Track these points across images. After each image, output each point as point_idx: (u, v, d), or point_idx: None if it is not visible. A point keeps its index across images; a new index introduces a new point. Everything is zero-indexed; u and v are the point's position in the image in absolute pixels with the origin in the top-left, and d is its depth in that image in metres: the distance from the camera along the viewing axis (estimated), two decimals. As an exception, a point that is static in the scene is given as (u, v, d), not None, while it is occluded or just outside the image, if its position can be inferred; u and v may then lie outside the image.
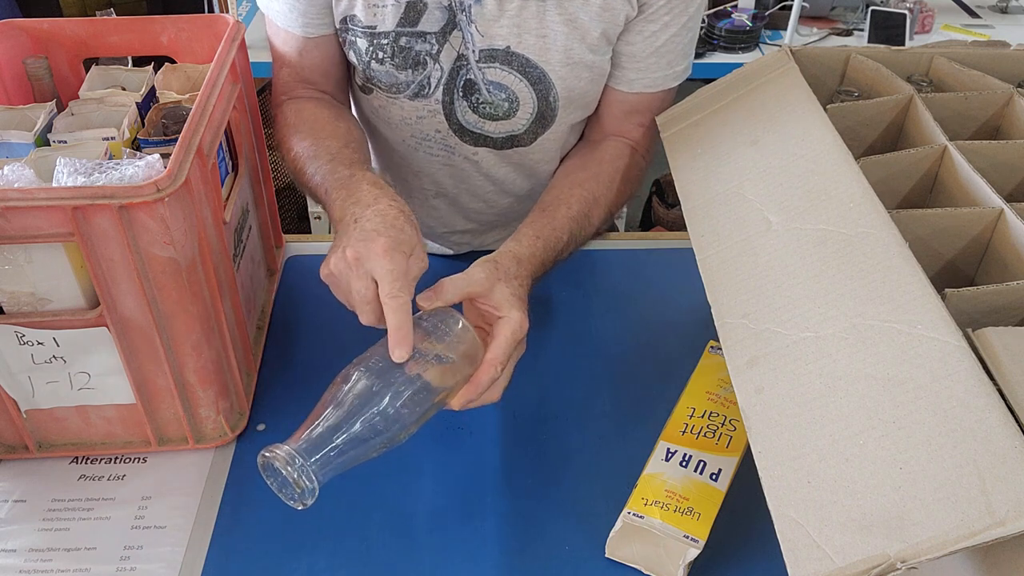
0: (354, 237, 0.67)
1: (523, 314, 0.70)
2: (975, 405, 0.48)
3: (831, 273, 0.60)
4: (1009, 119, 0.77)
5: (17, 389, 0.71)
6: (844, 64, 0.85)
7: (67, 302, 0.67)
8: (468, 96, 0.88)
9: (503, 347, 0.68)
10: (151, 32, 0.85)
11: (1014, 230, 0.62)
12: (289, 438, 0.60)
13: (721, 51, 2.22)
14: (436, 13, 0.82)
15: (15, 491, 0.74)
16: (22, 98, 0.83)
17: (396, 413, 0.62)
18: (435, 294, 0.69)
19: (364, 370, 0.63)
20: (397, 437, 0.63)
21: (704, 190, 0.75)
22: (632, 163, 0.92)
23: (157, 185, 0.61)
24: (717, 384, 0.77)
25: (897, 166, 0.72)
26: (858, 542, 0.47)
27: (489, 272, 0.71)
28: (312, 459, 0.59)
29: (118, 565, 0.69)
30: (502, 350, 0.68)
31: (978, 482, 0.46)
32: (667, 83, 0.90)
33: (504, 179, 0.99)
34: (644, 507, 0.66)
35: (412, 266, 0.67)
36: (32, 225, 0.61)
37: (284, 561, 0.69)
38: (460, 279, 0.70)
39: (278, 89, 0.92)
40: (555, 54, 0.84)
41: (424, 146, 0.95)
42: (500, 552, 0.70)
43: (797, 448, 0.53)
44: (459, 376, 0.67)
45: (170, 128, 0.76)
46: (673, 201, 2.44)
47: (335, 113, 0.88)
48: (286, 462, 0.58)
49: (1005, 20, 2.41)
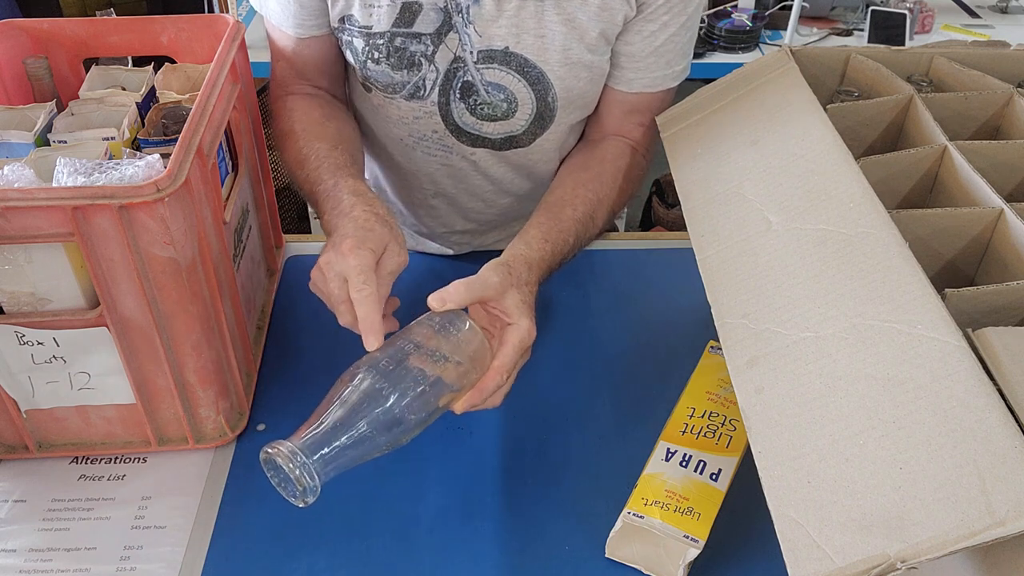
0: (327, 245, 0.71)
1: (531, 322, 0.70)
2: (975, 405, 0.48)
3: (831, 273, 0.60)
4: (1009, 119, 0.77)
5: (17, 389, 0.71)
6: (844, 64, 0.85)
7: (67, 302, 0.67)
8: (466, 98, 0.88)
9: (510, 355, 0.68)
10: (151, 32, 0.85)
11: (1014, 230, 0.62)
12: (292, 434, 0.60)
13: (721, 51, 2.22)
14: (431, 14, 0.83)
15: (15, 491, 0.74)
16: (22, 98, 0.83)
17: (401, 413, 0.62)
18: (447, 297, 0.68)
19: (370, 369, 0.63)
20: (400, 438, 0.63)
21: (704, 190, 0.75)
22: (633, 162, 0.92)
23: (157, 185, 0.61)
24: (717, 384, 0.77)
25: (897, 166, 0.72)
26: (858, 542, 0.47)
27: (503, 277, 0.71)
28: (315, 457, 0.59)
29: (118, 565, 0.69)
30: (509, 358, 0.68)
31: (978, 482, 0.45)
32: (667, 83, 0.90)
33: (503, 179, 0.99)
34: (644, 507, 0.66)
35: (386, 262, 0.69)
36: (32, 225, 0.61)
37: (284, 561, 0.69)
38: (474, 283, 0.70)
39: (275, 83, 0.92)
40: (553, 54, 0.84)
41: (422, 146, 0.95)
42: (500, 552, 0.70)
43: (797, 448, 0.53)
44: (465, 379, 0.66)
45: (170, 128, 0.76)
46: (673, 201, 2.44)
47: (326, 112, 0.88)
48: (288, 459, 0.58)
49: (1005, 20, 2.41)
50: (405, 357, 0.64)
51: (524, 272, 0.74)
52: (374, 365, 0.63)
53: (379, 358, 0.64)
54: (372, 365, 0.63)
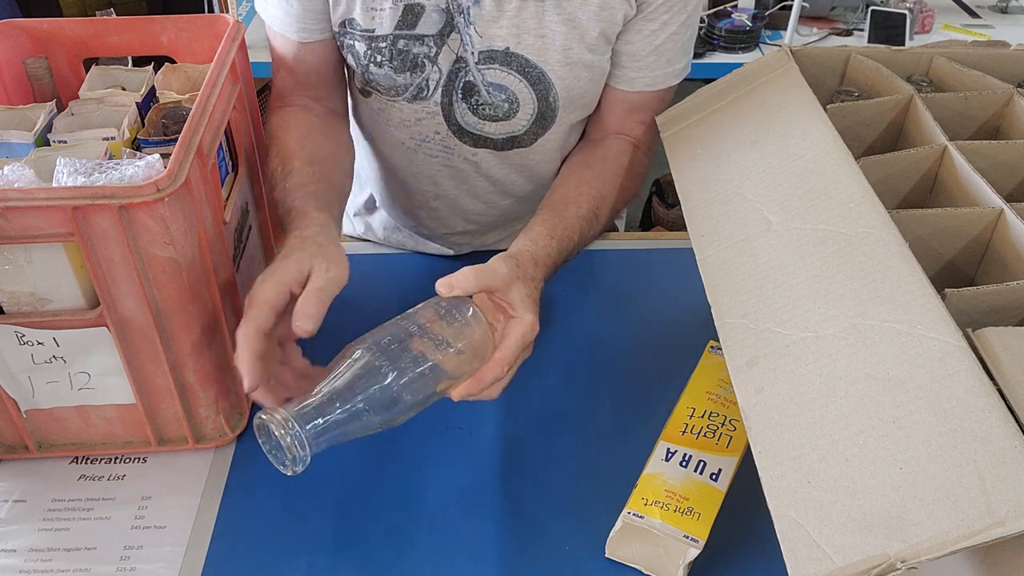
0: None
1: (535, 317, 0.70)
2: (975, 405, 0.48)
3: (831, 273, 0.60)
4: (1009, 119, 0.77)
5: (17, 389, 0.71)
6: (844, 64, 0.85)
7: (67, 302, 0.67)
8: (468, 98, 0.88)
9: (512, 348, 0.68)
10: (151, 32, 0.85)
11: (1014, 230, 0.62)
12: (288, 402, 0.60)
13: (721, 51, 2.22)
14: (434, 16, 0.83)
15: (15, 491, 0.74)
16: (22, 98, 0.83)
17: (397, 393, 0.61)
18: (455, 283, 0.68)
19: (371, 347, 0.62)
20: (395, 418, 0.62)
21: (704, 190, 0.75)
22: (635, 160, 0.92)
23: (157, 185, 0.61)
24: (717, 384, 0.77)
25: (897, 166, 0.72)
26: (858, 542, 0.47)
27: (511, 268, 0.71)
28: (307, 426, 0.59)
29: (118, 565, 0.69)
30: (511, 351, 0.68)
31: (978, 482, 0.45)
32: (667, 81, 0.90)
33: (504, 180, 0.99)
34: (644, 507, 0.66)
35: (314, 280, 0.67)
36: (32, 225, 0.61)
37: (284, 561, 0.69)
38: (483, 271, 0.69)
39: (274, 93, 0.92)
40: (554, 54, 0.84)
41: (424, 148, 0.95)
42: (500, 552, 0.70)
43: (797, 448, 0.53)
44: (465, 367, 0.66)
45: (170, 128, 0.76)
46: (673, 201, 2.44)
47: (308, 128, 0.87)
48: (281, 426, 0.58)
49: (1005, 20, 2.41)
50: (408, 338, 0.64)
51: (530, 267, 0.74)
52: (376, 342, 0.63)
53: (381, 336, 0.64)
54: (374, 342, 0.63)
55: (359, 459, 0.78)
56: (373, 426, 0.62)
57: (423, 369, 0.63)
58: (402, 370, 0.62)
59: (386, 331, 0.64)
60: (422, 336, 0.64)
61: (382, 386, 0.61)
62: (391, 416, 0.62)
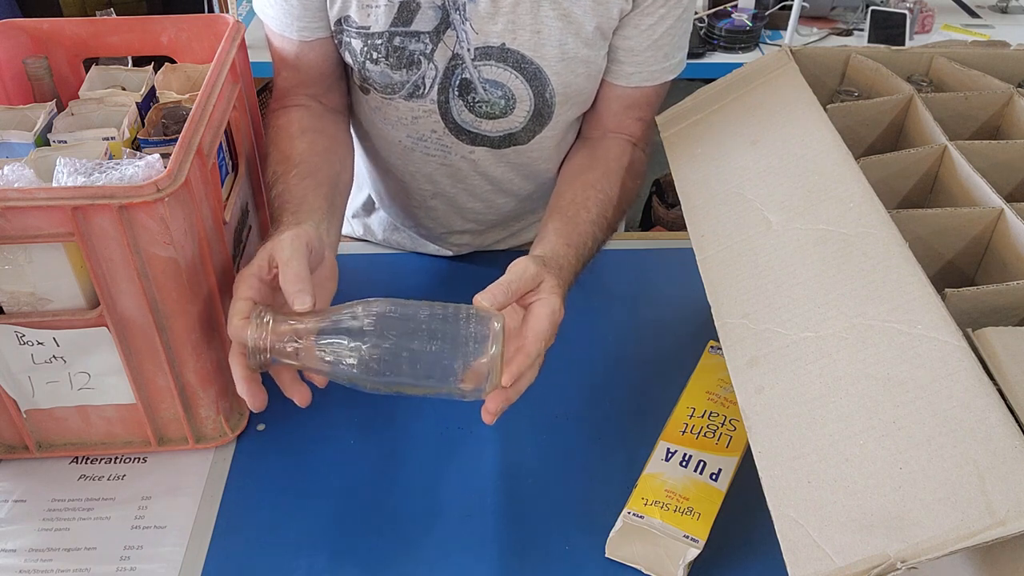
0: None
1: (562, 302, 0.69)
2: (975, 405, 0.48)
3: (831, 273, 0.60)
4: (1009, 119, 0.77)
5: (17, 389, 0.71)
6: (844, 64, 0.85)
7: (67, 302, 0.67)
8: (464, 95, 0.88)
9: (544, 324, 0.67)
10: (151, 32, 0.85)
11: (1014, 230, 0.62)
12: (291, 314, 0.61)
13: (721, 51, 2.22)
14: (429, 12, 0.83)
15: (15, 491, 0.74)
16: (22, 98, 0.83)
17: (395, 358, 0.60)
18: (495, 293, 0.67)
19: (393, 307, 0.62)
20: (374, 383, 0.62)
21: (704, 190, 0.75)
22: (635, 158, 0.92)
23: (157, 185, 0.61)
24: (717, 384, 0.77)
25: (897, 166, 0.72)
26: (858, 542, 0.47)
27: (539, 265, 0.71)
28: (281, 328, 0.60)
29: (118, 565, 0.69)
30: (543, 326, 0.67)
31: (978, 482, 0.46)
32: (664, 76, 0.90)
33: (502, 178, 0.99)
34: (644, 507, 0.66)
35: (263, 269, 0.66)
36: (32, 225, 0.61)
37: (284, 561, 0.69)
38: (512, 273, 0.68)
39: (275, 94, 0.92)
40: (550, 49, 0.85)
41: (421, 146, 0.95)
42: (500, 552, 0.70)
43: (797, 448, 0.53)
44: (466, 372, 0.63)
45: (170, 128, 0.76)
46: (673, 201, 2.44)
47: (299, 128, 0.87)
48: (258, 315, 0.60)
49: (1005, 20, 2.41)
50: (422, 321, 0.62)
51: (556, 269, 0.74)
52: (397, 306, 0.62)
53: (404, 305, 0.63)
54: (396, 305, 0.62)
55: (359, 459, 0.78)
56: (346, 375, 0.61)
57: (417, 361, 0.61)
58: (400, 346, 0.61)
59: (412, 306, 0.63)
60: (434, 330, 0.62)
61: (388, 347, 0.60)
62: (371, 379, 0.61)
